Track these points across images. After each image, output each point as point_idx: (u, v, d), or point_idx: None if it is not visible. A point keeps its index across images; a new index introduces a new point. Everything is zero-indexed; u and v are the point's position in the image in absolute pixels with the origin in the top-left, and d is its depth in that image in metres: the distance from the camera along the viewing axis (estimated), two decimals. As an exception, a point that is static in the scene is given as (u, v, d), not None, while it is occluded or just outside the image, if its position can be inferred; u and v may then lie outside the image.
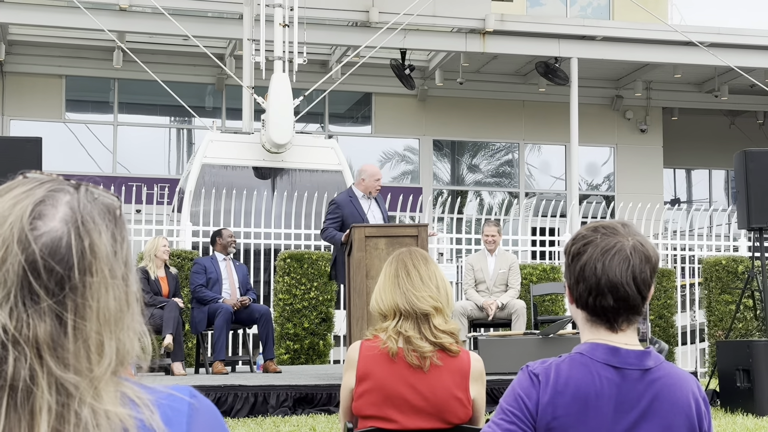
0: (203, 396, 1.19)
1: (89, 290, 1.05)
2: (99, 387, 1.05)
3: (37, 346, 1.02)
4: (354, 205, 8.76)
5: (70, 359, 1.04)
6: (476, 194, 22.31)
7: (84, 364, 1.04)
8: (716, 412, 8.57)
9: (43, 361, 1.02)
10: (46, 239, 1.05)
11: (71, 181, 1.12)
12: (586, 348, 2.11)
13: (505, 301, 10.01)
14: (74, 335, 1.04)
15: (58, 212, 1.07)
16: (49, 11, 16.49)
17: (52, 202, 1.08)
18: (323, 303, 11.35)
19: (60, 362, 1.03)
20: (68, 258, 1.05)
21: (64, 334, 1.04)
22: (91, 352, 1.05)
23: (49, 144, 9.50)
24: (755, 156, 9.07)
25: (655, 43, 17.88)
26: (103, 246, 1.07)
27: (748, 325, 11.59)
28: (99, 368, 1.05)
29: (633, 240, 2.10)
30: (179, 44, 18.52)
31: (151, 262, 9.76)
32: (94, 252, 1.07)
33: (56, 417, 1.02)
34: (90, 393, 1.04)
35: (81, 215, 1.07)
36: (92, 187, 1.12)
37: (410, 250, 3.38)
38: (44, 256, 1.04)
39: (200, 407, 1.17)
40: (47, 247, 1.04)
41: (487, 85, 20.72)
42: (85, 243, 1.06)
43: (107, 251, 1.08)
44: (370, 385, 3.23)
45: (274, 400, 8.09)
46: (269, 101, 13.67)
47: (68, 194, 1.09)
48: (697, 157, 23.37)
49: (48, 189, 1.09)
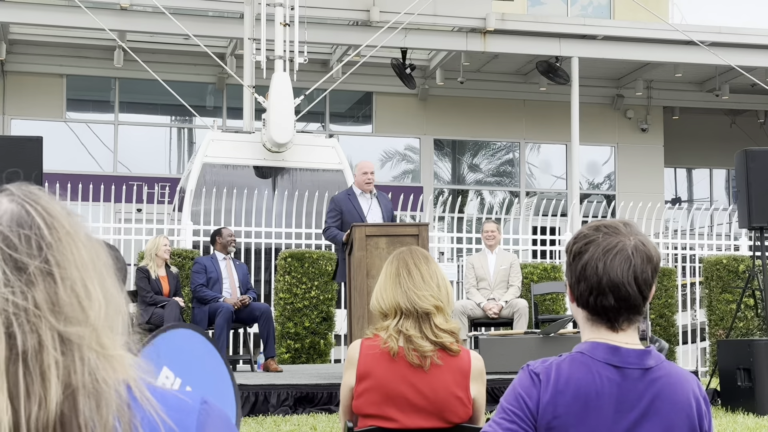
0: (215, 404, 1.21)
1: (61, 244, 1.11)
2: (99, 333, 1.10)
3: (38, 310, 1.07)
4: (352, 202, 8.76)
5: (68, 311, 1.08)
6: (477, 193, 22.31)
7: (79, 313, 1.09)
8: (717, 411, 8.57)
9: (45, 321, 1.07)
10: (7, 217, 1.10)
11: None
12: (587, 347, 2.11)
13: (508, 299, 10.01)
14: (64, 284, 1.09)
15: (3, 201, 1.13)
16: (50, 10, 16.49)
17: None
18: (324, 302, 11.35)
19: (60, 317, 1.08)
20: (34, 222, 1.11)
21: (56, 286, 1.09)
22: (82, 299, 1.10)
23: (50, 143, 9.49)
24: (756, 155, 9.07)
25: (655, 42, 17.87)
26: (56, 209, 1.13)
27: (749, 324, 11.59)
28: (92, 312, 1.10)
29: (635, 239, 2.10)
30: (180, 43, 18.51)
31: (151, 261, 9.76)
32: (51, 213, 1.12)
33: (64, 369, 1.06)
34: (93, 339, 1.09)
35: (22, 194, 1.14)
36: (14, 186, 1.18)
37: (411, 249, 3.38)
38: (12, 227, 1.09)
39: (211, 412, 1.18)
40: (11, 221, 1.10)
41: (487, 84, 20.71)
42: (39, 208, 1.12)
43: (60, 212, 1.14)
44: (370, 383, 3.23)
45: (275, 399, 8.10)
46: (270, 100, 13.67)
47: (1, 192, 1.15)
48: (697, 156, 23.36)
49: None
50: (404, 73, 18.08)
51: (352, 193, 8.89)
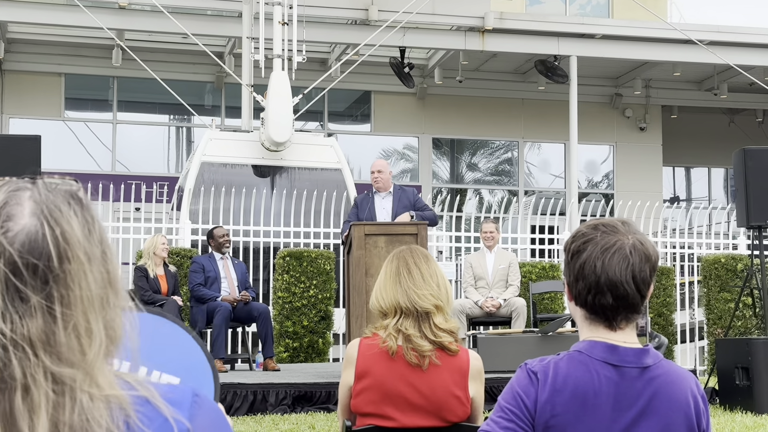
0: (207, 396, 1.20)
1: (70, 277, 1.07)
2: (94, 373, 1.07)
3: (32, 344, 1.04)
4: (367, 201, 8.78)
5: (63, 351, 1.05)
6: (476, 192, 22.31)
7: (77, 354, 1.06)
8: (715, 410, 8.57)
9: (38, 358, 1.04)
10: (22, 237, 1.06)
11: (25, 178, 1.13)
12: (585, 346, 2.11)
13: (506, 297, 10.01)
14: (64, 325, 1.06)
15: (25, 209, 1.08)
16: (49, 9, 16.48)
17: (16, 201, 1.09)
18: (322, 301, 11.35)
19: (54, 356, 1.05)
20: (45, 251, 1.07)
21: (55, 327, 1.06)
22: (82, 337, 1.07)
23: (49, 142, 9.48)
24: (754, 154, 9.07)
25: (654, 41, 17.88)
26: (74, 232, 1.09)
27: (747, 323, 11.59)
28: (91, 352, 1.07)
29: (633, 238, 2.10)
30: (178, 42, 18.51)
31: (150, 260, 9.76)
32: (67, 239, 1.08)
33: (54, 407, 1.04)
34: (87, 381, 1.06)
35: (47, 206, 1.09)
36: (47, 179, 1.14)
37: (411, 248, 3.38)
38: (23, 254, 1.06)
39: (203, 404, 1.17)
40: (24, 245, 1.06)
41: (486, 83, 20.71)
42: (57, 232, 1.08)
43: (79, 236, 1.09)
44: (368, 382, 3.23)
45: (273, 398, 8.10)
46: (268, 99, 13.67)
47: (28, 190, 1.11)
48: (696, 155, 23.37)
49: (7, 191, 1.11)
50: (403, 72, 18.08)
51: (371, 192, 8.92)
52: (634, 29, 17.95)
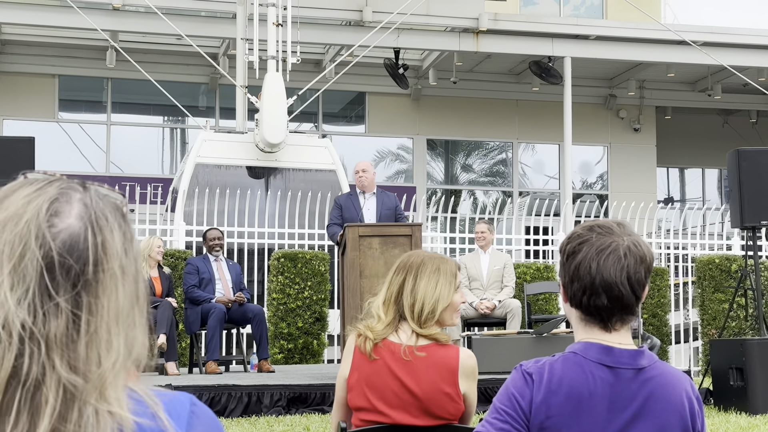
0: (203, 404, 1.20)
1: (102, 287, 1.07)
2: (105, 387, 1.06)
3: (48, 345, 1.03)
4: (351, 201, 8.90)
5: (79, 360, 1.05)
6: (470, 193, 22.32)
7: (92, 365, 1.05)
8: (710, 410, 8.58)
9: (51, 360, 1.03)
10: (64, 236, 1.06)
11: (77, 180, 1.13)
12: (580, 347, 2.11)
13: (501, 299, 10.01)
14: (86, 333, 1.05)
15: (74, 209, 1.08)
16: (42, 10, 16.46)
17: (66, 199, 1.09)
18: (317, 302, 11.35)
19: (68, 363, 1.04)
20: (84, 255, 1.06)
21: (77, 333, 1.05)
22: (101, 349, 1.06)
23: (42, 144, 9.48)
24: (748, 155, 9.09)
25: (648, 42, 17.90)
26: (115, 243, 1.09)
27: (742, 323, 11.62)
28: (107, 364, 1.06)
29: (628, 240, 2.10)
30: (172, 43, 18.49)
31: (144, 262, 9.75)
32: (106, 249, 1.08)
33: (58, 416, 1.03)
34: (95, 394, 1.05)
35: (95, 212, 1.09)
36: (98, 186, 1.13)
37: (423, 259, 3.34)
38: (62, 252, 1.05)
39: (200, 414, 1.17)
40: (65, 244, 1.06)
41: (480, 84, 20.72)
42: (98, 240, 1.07)
43: (119, 249, 1.09)
44: (359, 375, 3.25)
45: (268, 399, 8.09)
46: (263, 101, 13.66)
47: (79, 192, 1.10)
48: (690, 156, 23.40)
49: (59, 187, 1.10)
50: (397, 73, 18.08)
51: (354, 192, 9.08)
52: (628, 30, 17.97)
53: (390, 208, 8.92)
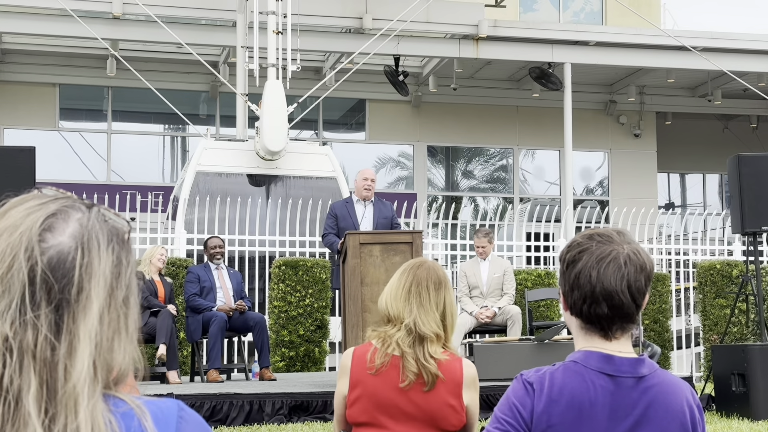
0: (191, 409, 1.20)
1: (82, 310, 1.06)
2: (78, 404, 1.05)
3: (27, 359, 1.04)
4: (348, 209, 8.88)
5: (59, 374, 1.05)
6: (471, 200, 22.32)
7: (72, 379, 1.05)
8: (711, 416, 8.57)
9: (29, 375, 1.04)
10: (52, 253, 1.06)
11: (85, 201, 1.13)
12: (580, 356, 2.11)
13: (501, 306, 10.00)
14: (67, 350, 1.05)
15: (69, 227, 1.08)
16: (43, 20, 16.48)
17: (63, 216, 1.09)
18: (318, 310, 11.34)
19: (45, 378, 1.04)
20: (68, 274, 1.06)
21: (56, 349, 1.05)
22: (74, 369, 1.06)
23: (43, 153, 9.49)
24: (749, 160, 9.08)
25: (648, 48, 17.91)
26: (102, 267, 1.09)
27: (743, 329, 11.60)
28: (78, 384, 1.06)
29: (628, 248, 2.10)
30: (173, 52, 18.51)
31: (146, 267, 9.77)
32: (91, 271, 1.08)
33: (40, 426, 1.03)
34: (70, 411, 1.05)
35: (88, 233, 1.09)
36: (104, 209, 1.14)
37: (428, 269, 3.33)
38: (45, 270, 1.05)
39: (189, 419, 1.17)
40: (51, 260, 1.06)
41: (480, 90, 20.74)
42: (85, 261, 1.07)
43: (107, 272, 1.09)
44: (362, 391, 3.23)
45: (270, 408, 8.08)
46: (263, 108, 13.67)
47: (80, 212, 1.11)
48: (690, 161, 23.41)
49: (61, 204, 1.11)
50: (397, 80, 18.10)
51: (350, 200, 9.08)
52: (628, 36, 17.99)
53: (387, 217, 8.92)
